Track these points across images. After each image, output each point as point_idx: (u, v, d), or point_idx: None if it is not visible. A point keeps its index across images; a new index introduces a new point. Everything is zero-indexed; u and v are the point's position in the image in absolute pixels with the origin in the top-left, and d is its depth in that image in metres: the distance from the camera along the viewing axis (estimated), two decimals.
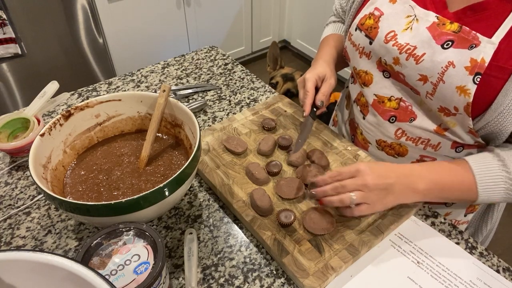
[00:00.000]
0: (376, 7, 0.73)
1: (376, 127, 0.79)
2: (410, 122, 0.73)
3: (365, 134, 0.82)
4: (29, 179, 0.79)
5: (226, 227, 0.69)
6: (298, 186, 0.71)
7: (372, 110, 0.78)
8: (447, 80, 0.63)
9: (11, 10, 1.71)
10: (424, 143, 0.74)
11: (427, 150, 0.75)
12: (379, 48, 0.72)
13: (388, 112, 0.75)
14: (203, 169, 0.76)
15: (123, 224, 0.54)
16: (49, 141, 0.67)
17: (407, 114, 0.73)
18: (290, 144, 0.81)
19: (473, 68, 0.61)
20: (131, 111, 0.77)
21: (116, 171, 0.71)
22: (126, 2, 2.05)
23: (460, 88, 0.62)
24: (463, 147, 0.72)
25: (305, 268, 0.60)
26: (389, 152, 0.79)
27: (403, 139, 0.76)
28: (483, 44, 0.60)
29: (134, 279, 0.49)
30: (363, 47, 0.76)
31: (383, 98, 0.76)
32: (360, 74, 0.79)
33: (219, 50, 1.21)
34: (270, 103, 0.94)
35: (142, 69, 1.12)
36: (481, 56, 0.60)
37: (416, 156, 0.76)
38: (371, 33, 0.73)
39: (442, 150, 0.73)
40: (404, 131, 0.75)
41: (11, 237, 0.68)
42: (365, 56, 0.76)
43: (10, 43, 1.77)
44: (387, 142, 0.78)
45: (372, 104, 0.78)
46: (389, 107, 0.75)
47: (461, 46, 0.62)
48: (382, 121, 0.77)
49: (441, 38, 0.64)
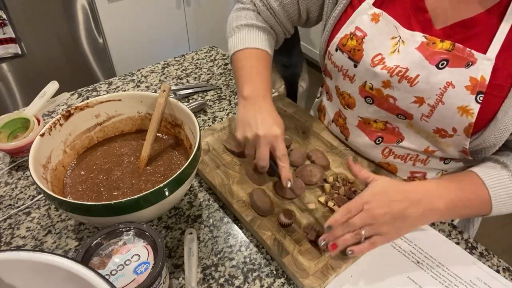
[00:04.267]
0: (357, 26, 0.68)
1: (362, 148, 0.76)
2: (397, 144, 0.71)
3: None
4: (29, 179, 0.79)
5: (226, 227, 0.69)
6: (298, 186, 0.71)
7: (357, 131, 0.75)
8: (447, 101, 0.60)
9: (11, 10, 1.71)
10: (413, 159, 0.72)
11: (416, 166, 0.73)
12: (365, 71, 0.67)
13: (375, 133, 0.73)
14: (203, 169, 0.76)
15: (123, 224, 0.54)
16: (49, 141, 0.67)
17: (394, 136, 0.71)
18: (290, 144, 0.81)
19: (474, 87, 0.58)
20: (131, 111, 0.77)
21: (116, 171, 0.71)
22: (126, 2, 2.05)
23: (462, 109, 0.60)
24: (451, 159, 0.71)
25: (305, 268, 0.60)
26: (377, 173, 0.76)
27: (390, 158, 0.74)
28: (479, 61, 0.58)
29: (134, 279, 0.49)
30: (346, 69, 0.71)
31: (368, 119, 0.73)
32: (344, 95, 0.75)
33: (219, 50, 1.21)
34: None
35: (142, 69, 1.12)
36: (480, 74, 0.58)
37: (406, 173, 0.75)
38: (355, 56, 0.68)
39: (431, 163, 0.72)
40: (391, 149, 0.73)
41: (11, 237, 0.68)
42: (348, 78, 0.71)
43: (10, 43, 1.77)
44: (374, 161, 0.77)
45: (358, 125, 0.75)
46: (376, 128, 0.73)
47: (457, 64, 0.60)
48: (368, 142, 0.74)
49: (434, 58, 0.61)
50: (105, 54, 2.13)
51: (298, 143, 0.83)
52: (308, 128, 0.87)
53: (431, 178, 0.75)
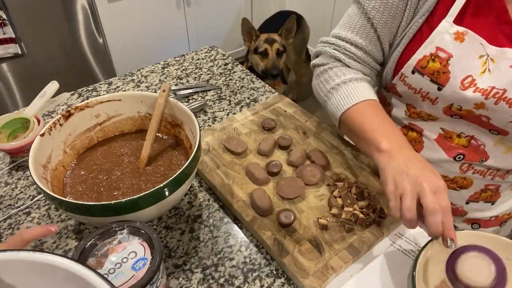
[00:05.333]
0: (439, 46, 0.62)
1: (436, 164, 0.71)
2: (480, 163, 0.67)
3: None
4: (29, 179, 0.79)
5: (226, 227, 0.69)
6: (298, 186, 0.71)
7: (434, 145, 0.70)
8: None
9: (11, 10, 1.71)
10: (493, 174, 0.69)
11: (494, 180, 0.70)
12: (452, 94, 0.63)
13: (455, 150, 0.68)
14: (203, 169, 0.76)
15: (116, 223, 0.54)
16: (49, 141, 0.67)
17: (478, 154, 0.67)
18: (290, 144, 0.81)
19: None
20: (131, 111, 0.77)
21: (116, 171, 0.71)
22: (126, 2, 2.05)
23: None
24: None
25: (305, 268, 0.60)
26: (449, 186, 0.72)
27: (469, 172, 0.69)
28: None
29: (133, 276, 0.49)
30: (427, 92, 0.65)
31: (451, 133, 0.68)
32: (421, 114, 0.70)
33: (219, 50, 1.21)
34: (270, 103, 0.94)
35: (142, 69, 1.12)
36: None
37: (481, 186, 0.72)
38: (439, 79, 0.63)
39: (509, 178, 0.70)
40: (471, 164, 0.68)
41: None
42: (429, 100, 0.66)
43: (10, 43, 1.77)
44: (448, 177, 0.71)
45: (437, 139, 0.69)
46: (457, 144, 0.67)
47: None
48: (446, 158, 0.69)
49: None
50: (105, 54, 2.13)
51: (298, 143, 0.83)
52: (308, 128, 0.87)
53: (503, 189, 0.73)
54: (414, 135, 0.72)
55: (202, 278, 0.61)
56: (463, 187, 0.72)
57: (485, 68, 0.60)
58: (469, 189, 0.72)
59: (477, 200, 0.75)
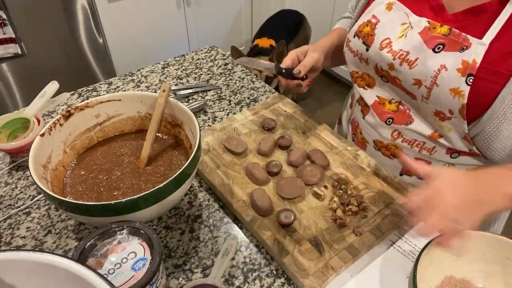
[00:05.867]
0: (373, 14, 0.75)
1: (374, 128, 0.80)
2: (406, 126, 0.74)
3: (364, 134, 0.83)
4: (29, 179, 0.79)
5: (226, 227, 0.69)
6: (298, 186, 0.71)
7: (372, 111, 0.79)
8: (441, 83, 0.64)
9: (11, 10, 1.71)
10: (419, 146, 0.75)
11: (422, 153, 0.75)
12: (375, 54, 0.73)
13: (386, 114, 0.77)
14: (203, 169, 0.76)
15: (115, 224, 0.54)
16: (49, 141, 0.67)
17: (404, 118, 0.74)
18: (290, 144, 0.81)
19: (465, 70, 0.61)
20: (131, 111, 0.77)
21: (116, 171, 0.71)
22: (126, 2, 2.05)
23: (454, 90, 0.63)
24: (458, 153, 0.72)
25: (305, 268, 0.60)
26: (385, 153, 0.81)
27: (398, 140, 0.77)
28: (474, 45, 0.61)
29: (133, 276, 0.49)
30: (361, 53, 0.77)
31: (384, 100, 0.77)
32: (364, 76, 0.80)
33: (219, 50, 1.21)
34: (270, 103, 0.94)
35: (142, 69, 1.12)
36: (472, 58, 0.60)
37: (411, 158, 0.74)
38: (367, 40, 0.74)
39: (437, 154, 0.74)
40: (400, 133, 0.76)
41: (11, 237, 0.68)
42: (364, 62, 0.77)
43: (10, 43, 1.77)
44: (384, 143, 0.80)
45: (372, 105, 0.79)
46: (388, 109, 0.76)
47: (452, 49, 0.63)
48: (379, 122, 0.78)
49: (432, 42, 0.65)
50: (105, 54, 2.13)
51: (298, 143, 0.83)
52: (308, 128, 0.87)
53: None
54: (363, 103, 0.82)
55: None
56: (395, 155, 0.79)
57: (403, 33, 0.70)
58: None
59: (409, 173, 0.80)
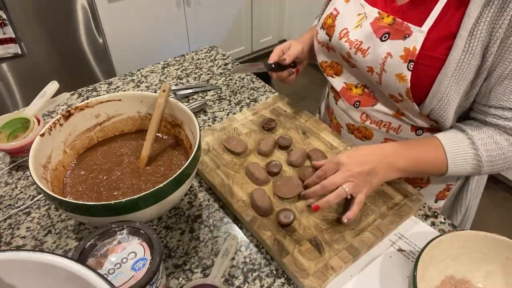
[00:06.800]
0: (335, 7, 0.79)
1: (345, 112, 0.84)
2: (372, 107, 0.78)
3: (338, 119, 0.88)
4: (29, 179, 0.79)
5: (226, 227, 0.69)
6: (295, 184, 0.71)
7: (341, 97, 0.84)
8: (387, 69, 0.69)
9: (11, 10, 1.71)
10: (386, 126, 0.78)
11: (389, 133, 0.79)
12: (336, 44, 0.78)
13: (353, 98, 0.81)
14: (203, 169, 0.76)
15: (115, 224, 0.54)
16: (49, 141, 0.67)
17: (370, 100, 0.79)
18: (290, 144, 0.81)
19: (406, 56, 0.66)
20: (131, 111, 0.77)
21: (116, 171, 0.71)
22: (126, 2, 2.05)
23: (399, 76, 0.67)
24: (422, 130, 0.76)
25: (305, 268, 0.60)
26: (357, 136, 0.84)
27: (367, 122, 0.80)
28: (414, 33, 0.65)
29: (133, 276, 0.49)
30: (326, 43, 0.81)
31: (350, 85, 0.82)
32: (333, 65, 0.84)
33: (219, 50, 1.21)
34: (270, 103, 0.94)
35: (142, 69, 1.12)
36: (413, 45, 0.65)
37: (381, 139, 0.81)
38: (329, 31, 0.79)
39: (403, 133, 0.77)
40: (368, 115, 0.80)
41: (11, 237, 0.68)
42: (332, 50, 0.81)
43: (10, 43, 1.77)
44: (355, 125, 0.83)
45: (341, 91, 0.83)
46: (355, 93, 0.81)
47: (396, 37, 0.68)
48: (348, 106, 0.82)
49: (379, 31, 0.70)
50: (105, 54, 2.13)
51: (298, 143, 0.83)
52: (308, 128, 0.87)
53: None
54: (334, 90, 0.86)
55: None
56: (366, 137, 0.83)
57: (359, 24, 0.74)
58: (372, 140, 0.82)
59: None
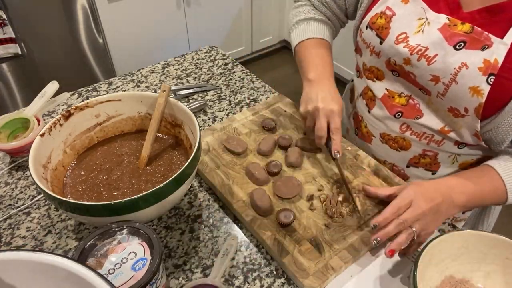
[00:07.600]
0: (388, 6, 0.72)
1: (381, 121, 0.79)
2: (415, 120, 0.74)
3: (369, 127, 0.83)
4: (29, 179, 0.79)
5: (226, 227, 0.69)
6: (295, 184, 0.71)
7: (380, 104, 0.78)
8: (460, 80, 0.63)
9: (11, 10, 1.71)
10: (428, 139, 0.75)
11: (430, 145, 0.76)
12: (389, 48, 0.72)
13: (395, 108, 0.76)
14: (203, 169, 0.76)
15: (115, 224, 0.54)
16: (49, 141, 0.67)
17: (414, 112, 0.74)
18: (290, 144, 0.81)
19: (486, 69, 0.61)
20: (131, 111, 0.77)
21: (116, 171, 0.71)
22: (126, 2, 2.05)
23: (473, 89, 0.63)
24: (465, 144, 0.73)
25: (305, 268, 0.60)
26: (392, 146, 0.80)
27: (407, 133, 0.77)
28: (495, 45, 0.60)
29: (133, 276, 0.49)
30: (373, 46, 0.75)
31: (393, 93, 0.76)
32: (372, 69, 0.79)
33: (219, 50, 1.21)
34: (270, 103, 0.94)
35: (142, 69, 1.12)
36: (494, 57, 0.60)
37: (419, 150, 0.77)
38: (382, 33, 0.72)
39: (445, 146, 0.74)
40: (409, 126, 0.76)
41: (11, 237, 0.68)
42: (375, 54, 0.76)
43: (10, 43, 1.77)
44: (391, 135, 0.79)
45: (382, 98, 0.78)
46: (398, 103, 0.76)
47: (473, 47, 0.63)
48: (388, 115, 0.77)
49: (453, 39, 0.64)
50: (105, 54, 2.13)
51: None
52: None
53: (442, 159, 0.77)
54: (370, 95, 0.81)
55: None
56: (403, 148, 0.79)
57: (420, 29, 0.68)
58: (409, 151, 0.79)
59: (417, 165, 0.80)
